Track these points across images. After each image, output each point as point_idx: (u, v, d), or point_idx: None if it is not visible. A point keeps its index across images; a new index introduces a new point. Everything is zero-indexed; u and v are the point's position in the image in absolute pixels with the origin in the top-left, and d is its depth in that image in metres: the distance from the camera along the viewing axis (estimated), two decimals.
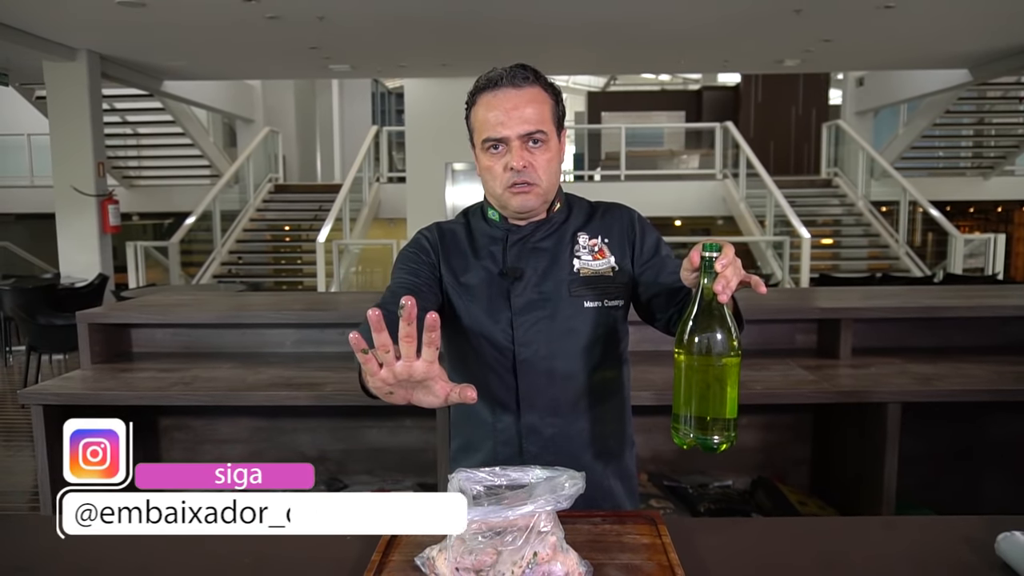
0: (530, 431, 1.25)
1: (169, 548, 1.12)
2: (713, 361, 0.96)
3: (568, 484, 0.91)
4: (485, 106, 1.20)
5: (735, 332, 0.97)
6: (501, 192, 1.22)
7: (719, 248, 0.97)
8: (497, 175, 1.21)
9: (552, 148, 1.22)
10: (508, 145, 1.19)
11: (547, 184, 1.22)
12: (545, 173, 1.21)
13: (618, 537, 1.05)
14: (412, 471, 2.43)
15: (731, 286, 0.95)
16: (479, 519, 0.87)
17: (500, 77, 1.19)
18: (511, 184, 1.20)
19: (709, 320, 0.97)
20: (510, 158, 1.19)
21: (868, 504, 2.02)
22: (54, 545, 1.07)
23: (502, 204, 1.25)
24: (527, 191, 1.21)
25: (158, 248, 8.48)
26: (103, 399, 2.00)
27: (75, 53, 6.58)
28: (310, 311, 2.41)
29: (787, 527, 1.23)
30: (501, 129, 1.18)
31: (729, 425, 0.99)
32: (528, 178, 1.20)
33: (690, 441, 0.99)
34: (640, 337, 1.39)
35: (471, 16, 5.82)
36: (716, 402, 0.98)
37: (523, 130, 1.18)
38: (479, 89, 1.21)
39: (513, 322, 1.23)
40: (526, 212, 1.24)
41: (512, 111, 1.18)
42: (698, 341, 0.96)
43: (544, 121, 1.20)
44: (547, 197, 1.24)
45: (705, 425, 0.98)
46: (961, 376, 2.05)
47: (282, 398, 1.97)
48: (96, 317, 2.33)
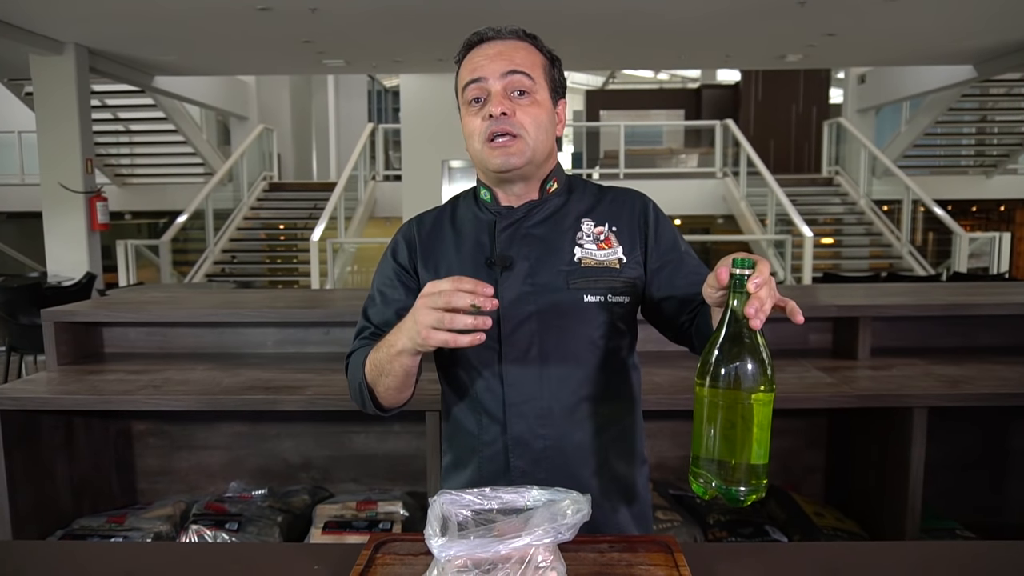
0: (517, 443, 1.09)
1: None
2: (742, 397, 0.80)
3: (572, 510, 0.76)
4: (469, 59, 1.07)
5: (769, 363, 0.81)
6: (480, 148, 1.07)
7: (752, 264, 0.81)
8: (475, 128, 1.06)
9: (542, 103, 1.07)
10: (489, 92, 1.05)
11: (534, 138, 1.06)
12: (530, 127, 1.05)
13: (629, 568, 0.90)
14: (401, 479, 2.28)
15: (765, 309, 0.80)
16: (464, 554, 0.73)
17: (488, 30, 1.06)
18: (490, 138, 1.05)
19: (739, 348, 0.81)
20: (489, 107, 1.04)
21: (891, 516, 1.88)
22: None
23: (483, 165, 1.09)
24: (508, 145, 1.05)
25: (149, 247, 8.33)
26: (65, 403, 1.85)
27: (62, 47, 6.43)
28: (292, 309, 2.26)
29: (819, 553, 1.09)
30: (480, 71, 1.05)
31: (758, 473, 0.83)
32: (509, 127, 1.04)
33: (712, 490, 0.84)
34: (645, 337, 1.24)
35: (467, 9, 5.68)
36: (744, 445, 0.81)
37: (505, 68, 1.04)
38: (466, 47, 1.08)
39: (500, 316, 1.07)
40: (510, 172, 1.08)
41: (495, 55, 1.04)
42: (724, 373, 0.81)
43: (532, 68, 1.06)
44: (534, 156, 1.08)
45: (729, 471, 0.82)
46: (991, 378, 1.90)
47: (258, 402, 1.82)
48: (63, 315, 2.18)
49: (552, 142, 1.12)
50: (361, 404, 1.11)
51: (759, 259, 0.83)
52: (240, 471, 2.30)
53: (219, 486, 2.28)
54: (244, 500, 2.10)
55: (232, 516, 2.00)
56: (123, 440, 2.28)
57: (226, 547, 0.95)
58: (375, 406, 1.09)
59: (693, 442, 0.84)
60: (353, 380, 1.11)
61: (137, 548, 0.80)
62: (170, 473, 2.32)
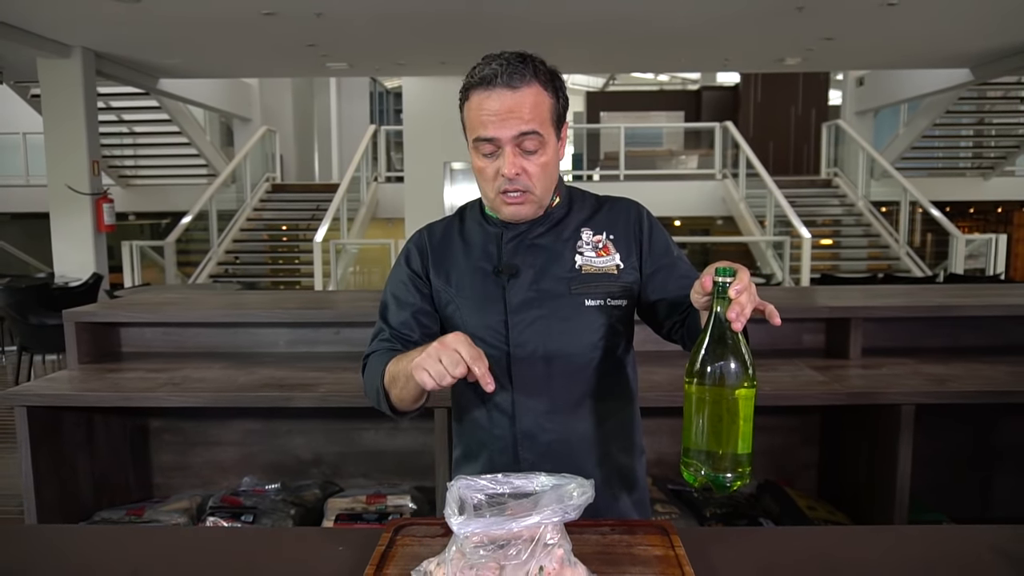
0: (526, 437, 1.18)
1: (156, 556, 1.05)
2: (726, 393, 0.90)
3: (577, 493, 0.84)
4: (477, 106, 1.11)
5: (750, 362, 0.91)
6: (493, 197, 1.16)
7: (733, 273, 0.91)
8: (488, 179, 1.15)
9: (549, 151, 1.14)
10: (500, 149, 1.11)
11: (541, 191, 1.16)
12: (539, 180, 1.14)
13: (628, 548, 0.98)
14: (410, 474, 2.36)
15: (746, 313, 0.90)
16: (480, 531, 0.81)
17: (495, 75, 1.09)
18: (503, 191, 1.14)
19: (722, 349, 0.91)
20: (502, 163, 1.11)
21: (880, 510, 1.96)
22: (33, 555, 1.00)
23: (494, 209, 1.19)
24: (520, 200, 1.14)
25: (154, 248, 8.40)
26: (88, 400, 1.94)
27: (70, 50, 6.51)
28: (304, 310, 2.34)
29: (804, 537, 1.17)
30: (493, 131, 1.10)
31: (742, 461, 0.93)
32: (520, 186, 1.13)
33: (701, 478, 0.93)
34: (644, 337, 1.32)
35: (470, 13, 5.75)
36: (729, 436, 0.91)
37: (517, 131, 1.10)
38: (473, 85, 1.12)
39: (508, 321, 1.17)
40: (520, 221, 1.19)
41: (506, 114, 1.09)
42: (710, 371, 0.91)
43: (541, 122, 1.12)
44: (541, 203, 1.18)
45: (717, 461, 0.92)
46: (976, 377, 1.98)
47: (274, 399, 1.91)
48: (84, 316, 2.26)
49: (555, 178, 1.19)
50: (377, 405, 1.18)
51: (739, 268, 0.92)
52: (253, 467, 2.38)
53: (232, 481, 2.35)
54: (258, 494, 2.18)
55: (247, 509, 2.08)
56: (140, 436, 2.36)
57: (251, 532, 1.02)
58: (391, 410, 1.16)
59: (683, 434, 0.94)
60: (371, 383, 1.18)
61: (167, 532, 0.87)
62: (185, 469, 2.40)
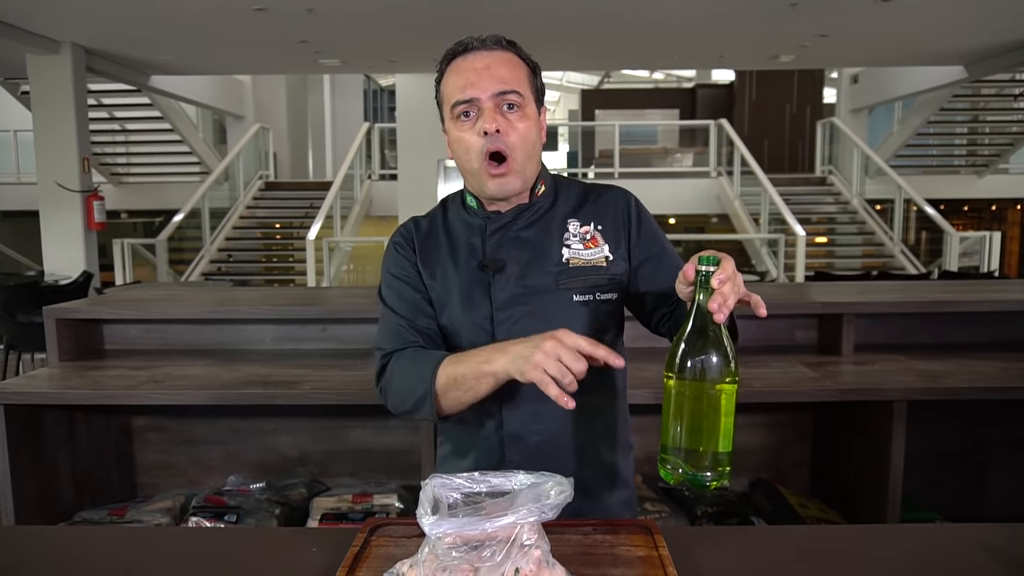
0: (513, 439, 1.14)
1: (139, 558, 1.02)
2: (707, 387, 0.86)
3: (555, 492, 0.81)
4: (455, 71, 1.10)
5: (732, 356, 0.86)
6: (477, 168, 1.10)
7: (716, 261, 0.86)
8: (470, 145, 1.10)
9: (530, 116, 1.11)
10: (480, 108, 1.08)
11: (523, 159, 1.11)
12: (522, 142, 1.10)
13: (611, 549, 0.95)
14: (397, 473, 2.33)
15: (728, 304, 0.85)
16: (453, 531, 0.78)
17: (471, 41, 1.09)
18: (487, 157, 1.09)
19: (703, 341, 0.86)
20: (483, 123, 1.08)
21: (872, 507, 1.93)
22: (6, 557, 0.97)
23: (479, 185, 1.13)
24: (503, 171, 1.09)
25: (145, 246, 8.36)
26: (68, 398, 1.90)
27: (59, 46, 6.46)
28: (290, 306, 2.31)
29: (793, 536, 1.14)
30: (471, 90, 1.07)
31: (722, 460, 0.88)
32: (503, 145, 1.08)
33: (678, 476, 0.89)
34: (637, 333, 1.29)
35: (463, 10, 5.72)
36: (709, 433, 0.86)
37: (496, 89, 1.07)
38: (448, 57, 1.11)
39: (494, 318, 1.12)
40: (506, 196, 1.13)
41: (483, 71, 1.07)
42: (690, 365, 0.86)
43: (519, 84, 1.09)
44: (526, 176, 1.13)
45: (696, 459, 0.87)
46: (968, 373, 1.96)
47: (257, 396, 1.87)
48: (65, 312, 2.22)
49: (539, 152, 1.16)
50: (411, 410, 1.09)
51: (724, 256, 0.88)
52: (238, 465, 2.35)
53: (217, 480, 2.32)
54: (243, 493, 2.15)
55: (231, 508, 2.05)
56: (123, 435, 2.32)
57: (226, 531, 1.00)
58: (433, 413, 1.07)
59: (661, 431, 0.89)
60: (410, 387, 1.08)
61: (140, 532, 0.84)
62: (169, 468, 2.36)
